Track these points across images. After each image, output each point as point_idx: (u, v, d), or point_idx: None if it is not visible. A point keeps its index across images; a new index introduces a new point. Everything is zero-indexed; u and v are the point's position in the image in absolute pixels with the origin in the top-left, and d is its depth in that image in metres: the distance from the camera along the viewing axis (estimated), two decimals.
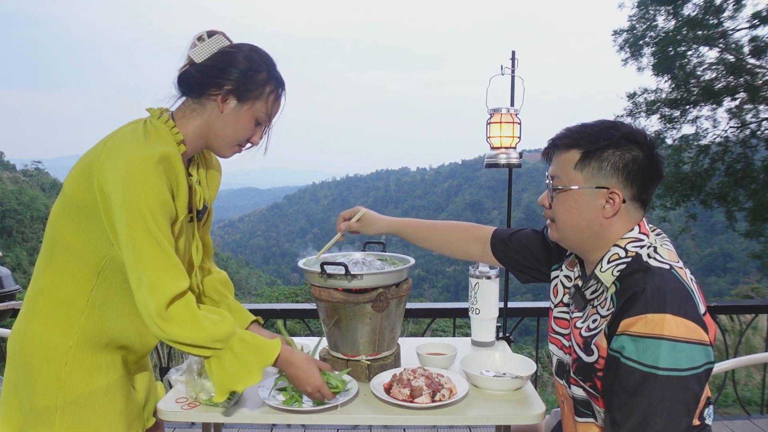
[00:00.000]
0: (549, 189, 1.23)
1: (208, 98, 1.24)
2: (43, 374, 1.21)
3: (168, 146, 1.20)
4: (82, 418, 1.23)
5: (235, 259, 52.24)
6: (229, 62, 1.23)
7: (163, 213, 1.16)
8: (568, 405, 1.26)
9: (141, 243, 1.12)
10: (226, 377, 1.21)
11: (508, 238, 1.53)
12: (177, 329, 1.14)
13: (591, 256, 1.21)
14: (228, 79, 1.23)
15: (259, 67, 1.26)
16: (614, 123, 1.19)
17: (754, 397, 3.91)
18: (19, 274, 27.26)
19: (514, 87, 2.43)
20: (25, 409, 1.23)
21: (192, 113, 1.26)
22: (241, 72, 1.23)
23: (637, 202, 1.17)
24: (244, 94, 1.24)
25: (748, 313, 3.63)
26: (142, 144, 1.16)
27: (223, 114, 1.25)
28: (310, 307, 3.11)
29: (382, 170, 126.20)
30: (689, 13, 12.20)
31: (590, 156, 1.15)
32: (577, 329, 1.22)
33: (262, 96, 1.26)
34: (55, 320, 1.22)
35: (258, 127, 1.31)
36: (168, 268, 1.14)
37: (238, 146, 1.32)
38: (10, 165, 41.65)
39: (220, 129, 1.27)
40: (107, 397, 1.26)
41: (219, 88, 1.23)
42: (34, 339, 1.22)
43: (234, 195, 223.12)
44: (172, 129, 1.24)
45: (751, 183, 11.81)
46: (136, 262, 1.13)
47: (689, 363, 1.00)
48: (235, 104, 1.25)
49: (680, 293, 1.05)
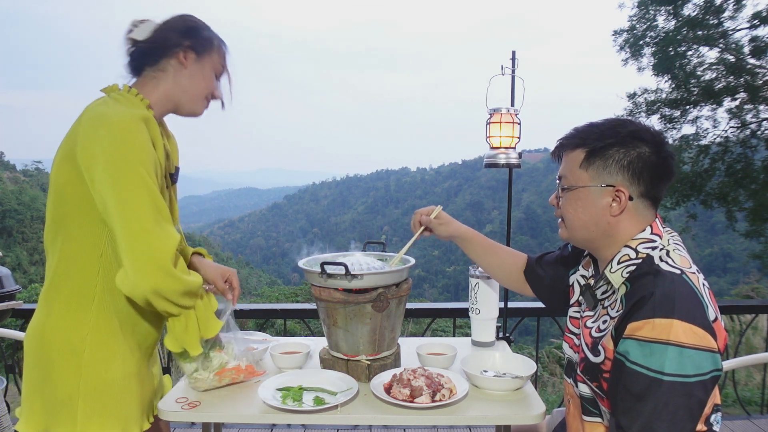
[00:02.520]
0: (557, 188, 1.25)
1: (168, 61, 1.34)
2: (63, 365, 1.25)
3: (140, 110, 1.26)
4: (104, 406, 1.27)
5: (235, 259, 52.28)
6: (179, 25, 1.35)
7: (154, 168, 1.22)
8: (575, 404, 1.26)
9: (137, 197, 1.16)
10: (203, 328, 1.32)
11: (537, 263, 1.54)
12: (183, 275, 1.21)
13: (602, 254, 1.21)
14: (184, 37, 1.34)
15: (203, 25, 1.38)
16: (622, 121, 1.19)
17: (754, 397, 3.91)
18: (19, 274, 27.25)
19: (514, 87, 2.43)
20: (48, 404, 1.27)
21: (153, 80, 1.34)
22: (193, 30, 1.36)
23: (647, 200, 1.17)
24: (200, 48, 1.36)
25: (748, 313, 3.63)
26: (120, 109, 1.22)
27: (186, 69, 1.35)
28: (310, 307, 3.11)
29: (382, 170, 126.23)
30: (689, 13, 12.20)
31: (595, 154, 1.16)
32: (587, 329, 1.22)
33: (213, 48, 1.39)
34: (69, 311, 1.26)
35: (216, 81, 1.42)
36: (164, 218, 1.20)
37: (205, 100, 1.42)
38: (10, 165, 41.65)
39: (187, 84, 1.36)
40: (125, 384, 1.31)
41: (178, 47, 1.33)
42: (51, 333, 1.26)
43: (234, 195, 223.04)
44: (137, 96, 1.31)
45: (751, 183, 11.81)
46: (130, 217, 1.15)
47: (695, 369, 0.99)
48: (195, 58, 1.36)
49: (690, 299, 1.03)
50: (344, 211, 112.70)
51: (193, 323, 1.30)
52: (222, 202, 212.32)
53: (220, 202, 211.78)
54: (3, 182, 34.79)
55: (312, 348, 1.72)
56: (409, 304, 1.87)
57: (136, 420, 1.34)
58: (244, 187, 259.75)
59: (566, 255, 1.46)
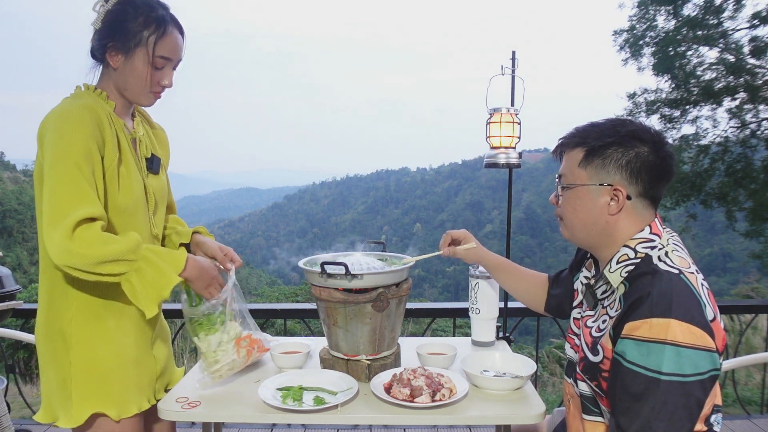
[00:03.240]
0: (557, 187, 1.26)
1: (104, 60, 1.35)
2: (57, 351, 1.33)
3: (91, 100, 1.31)
4: (96, 387, 1.33)
5: None
6: (111, 20, 1.32)
7: (86, 155, 1.23)
8: (575, 404, 1.26)
9: (60, 175, 1.19)
10: (149, 286, 1.26)
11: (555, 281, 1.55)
12: (86, 248, 1.17)
13: (601, 254, 1.22)
14: (107, 37, 1.31)
15: (131, 16, 1.31)
16: (622, 121, 1.19)
17: (754, 397, 3.91)
18: (19, 274, 27.25)
19: (514, 87, 2.44)
20: (51, 390, 1.36)
21: (103, 77, 1.38)
22: (116, 26, 1.31)
23: (645, 200, 1.17)
24: (124, 46, 1.32)
25: (748, 313, 3.63)
26: (66, 102, 1.30)
27: (117, 70, 1.34)
28: (310, 307, 3.11)
29: (382, 170, 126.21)
30: (689, 13, 12.19)
31: (594, 154, 1.16)
32: (587, 328, 1.23)
33: (142, 42, 1.32)
34: (54, 299, 1.34)
35: (160, 70, 1.37)
36: (80, 197, 1.20)
37: (150, 93, 1.39)
38: (10, 165, 41.63)
39: (123, 83, 1.36)
40: (118, 365, 1.36)
41: (105, 49, 1.32)
42: (45, 322, 1.35)
43: (234, 195, 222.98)
44: (95, 91, 1.36)
45: (751, 183, 11.80)
46: (50, 192, 1.19)
47: (693, 369, 0.99)
48: (122, 58, 1.33)
49: (687, 298, 1.03)
50: (344, 211, 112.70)
51: (141, 281, 1.25)
52: (222, 202, 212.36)
53: (220, 202, 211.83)
54: (3, 182, 34.79)
55: (312, 348, 1.72)
56: (409, 304, 1.87)
57: (134, 400, 1.39)
58: (244, 187, 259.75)
59: (572, 264, 1.46)
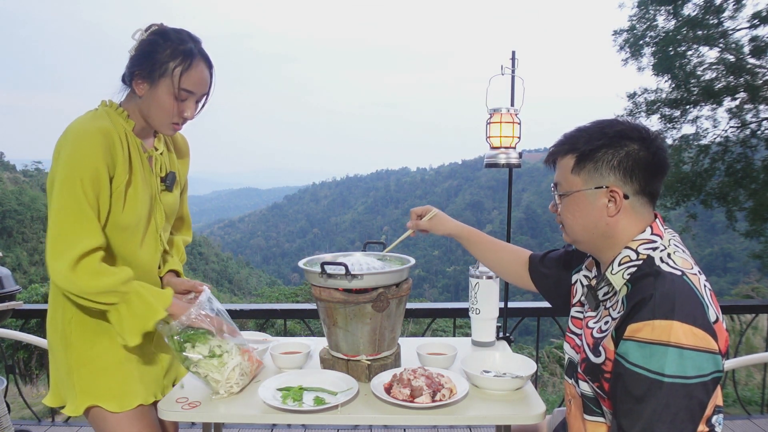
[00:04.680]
0: (554, 196, 1.26)
1: (132, 86, 1.39)
2: (61, 346, 1.43)
3: (109, 122, 1.37)
4: (95, 380, 1.42)
5: (236, 260, 52.24)
6: (142, 50, 1.37)
7: (93, 179, 1.29)
8: (576, 404, 1.26)
9: (66, 199, 1.27)
10: (136, 317, 1.32)
11: (541, 261, 1.54)
12: (86, 280, 1.26)
13: (604, 256, 1.22)
14: (136, 65, 1.37)
15: (160, 47, 1.36)
16: (609, 122, 1.20)
17: (755, 397, 3.91)
18: (19, 275, 27.24)
19: (514, 87, 2.43)
20: (59, 379, 1.47)
21: (130, 99, 1.44)
22: (144, 56, 1.36)
23: (643, 197, 1.17)
24: (150, 75, 1.36)
25: (748, 313, 3.63)
26: (84, 121, 1.35)
27: (142, 97, 1.39)
28: (310, 307, 3.11)
29: (382, 170, 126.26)
30: (689, 13, 12.20)
31: (585, 158, 1.17)
32: (589, 329, 1.22)
33: (167, 73, 1.36)
34: (58, 300, 1.42)
35: (184, 102, 1.40)
36: (84, 227, 1.28)
37: (171, 123, 1.43)
38: (10, 165, 41.63)
39: (146, 110, 1.41)
40: (117, 361, 1.43)
41: (132, 76, 1.38)
42: (51, 320, 1.45)
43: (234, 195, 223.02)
44: (117, 109, 1.42)
45: (751, 183, 11.81)
46: (56, 215, 1.26)
47: (695, 371, 0.99)
48: (147, 87, 1.38)
49: (690, 300, 1.03)
50: (344, 211, 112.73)
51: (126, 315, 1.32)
52: (222, 202, 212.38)
53: (220, 202, 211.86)
54: (3, 182, 34.78)
55: (312, 348, 1.72)
56: (409, 304, 1.86)
57: (138, 393, 1.45)
58: (244, 187, 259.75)
59: (570, 254, 1.46)
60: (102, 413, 1.42)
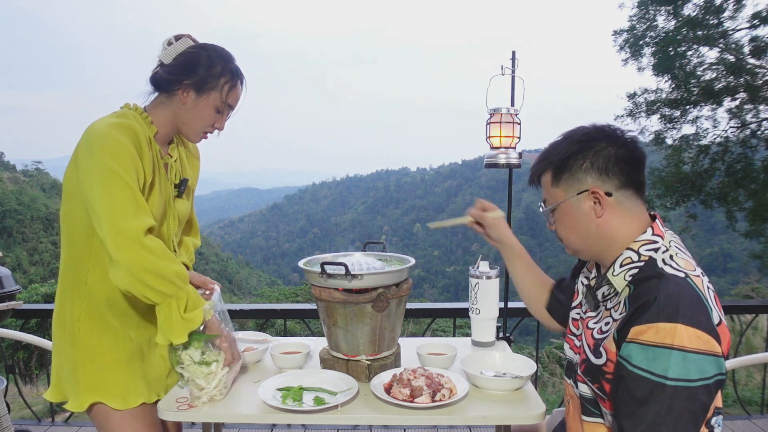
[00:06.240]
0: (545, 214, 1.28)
1: (174, 92, 1.44)
2: (67, 342, 1.44)
3: (134, 122, 1.38)
4: (100, 377, 1.43)
5: (235, 260, 52.22)
6: (189, 61, 1.43)
7: (132, 165, 1.31)
8: (575, 405, 1.26)
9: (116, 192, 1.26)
10: (186, 319, 1.32)
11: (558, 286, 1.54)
12: (155, 256, 1.27)
13: (605, 260, 1.22)
14: (187, 75, 1.42)
15: (213, 62, 1.44)
16: (575, 130, 1.22)
17: (754, 397, 3.92)
18: (19, 274, 27.25)
19: (514, 87, 2.43)
20: (62, 374, 1.47)
21: (161, 105, 1.47)
22: (197, 68, 1.43)
23: (626, 190, 1.17)
24: (200, 87, 1.44)
25: (748, 313, 3.63)
26: (112, 118, 1.37)
27: (185, 105, 1.45)
28: (310, 307, 3.11)
29: (382, 170, 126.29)
30: (689, 13, 12.18)
31: (561, 170, 1.20)
32: (589, 330, 1.22)
33: (217, 87, 1.45)
34: (66, 297, 1.44)
35: (219, 114, 1.49)
36: (141, 209, 1.30)
37: (203, 132, 1.52)
38: (10, 165, 41.65)
39: (185, 118, 1.47)
40: (121, 360, 1.45)
41: (180, 84, 1.43)
42: (58, 316, 1.46)
43: (234, 195, 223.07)
44: (141, 114, 1.45)
45: (751, 183, 11.80)
46: (108, 206, 1.26)
47: (699, 374, 0.98)
48: (194, 96, 1.44)
49: (694, 303, 1.02)
50: (344, 211, 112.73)
51: (176, 313, 1.32)
52: (222, 202, 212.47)
53: (220, 202, 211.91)
54: (3, 182, 34.79)
55: (312, 348, 1.72)
56: (409, 304, 1.86)
57: (141, 392, 1.46)
58: (244, 187, 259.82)
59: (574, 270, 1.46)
60: (105, 410, 1.43)
